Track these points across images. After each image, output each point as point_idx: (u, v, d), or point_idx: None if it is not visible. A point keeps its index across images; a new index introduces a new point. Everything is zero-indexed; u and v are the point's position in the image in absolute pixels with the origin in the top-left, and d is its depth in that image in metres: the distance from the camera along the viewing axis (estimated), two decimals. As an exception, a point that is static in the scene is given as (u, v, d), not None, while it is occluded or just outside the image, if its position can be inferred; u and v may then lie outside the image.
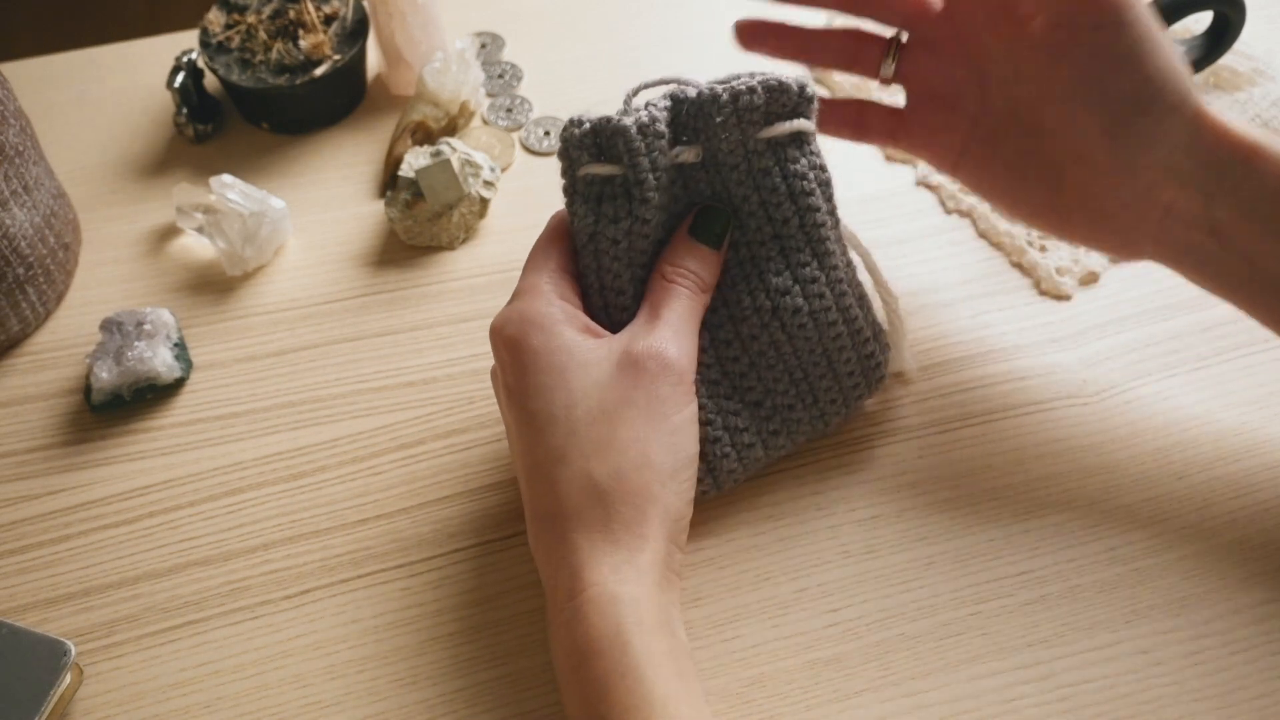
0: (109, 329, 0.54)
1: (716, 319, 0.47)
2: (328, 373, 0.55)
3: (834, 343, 0.47)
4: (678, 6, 0.71)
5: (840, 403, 0.49)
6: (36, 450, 0.53)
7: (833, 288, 0.47)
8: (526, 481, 0.43)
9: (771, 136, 0.46)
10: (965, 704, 0.44)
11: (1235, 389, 0.53)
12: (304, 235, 0.61)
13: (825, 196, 0.47)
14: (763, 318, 0.47)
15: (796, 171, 0.46)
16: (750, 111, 0.45)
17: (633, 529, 0.41)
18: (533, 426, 0.42)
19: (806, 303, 0.47)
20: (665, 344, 0.43)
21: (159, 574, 0.49)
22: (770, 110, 0.45)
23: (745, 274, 0.47)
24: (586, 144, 0.44)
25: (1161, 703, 0.44)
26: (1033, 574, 0.47)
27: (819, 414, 0.49)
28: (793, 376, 0.48)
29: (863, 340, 0.48)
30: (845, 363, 0.48)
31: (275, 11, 0.63)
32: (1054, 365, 0.54)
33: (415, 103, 0.63)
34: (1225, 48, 0.62)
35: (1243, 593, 0.46)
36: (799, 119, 0.46)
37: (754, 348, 0.47)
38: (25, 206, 0.54)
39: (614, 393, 0.42)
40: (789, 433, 0.48)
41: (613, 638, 0.38)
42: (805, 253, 0.47)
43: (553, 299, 0.44)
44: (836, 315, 0.47)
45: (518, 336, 0.43)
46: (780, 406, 0.48)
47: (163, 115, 0.66)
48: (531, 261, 0.46)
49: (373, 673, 0.46)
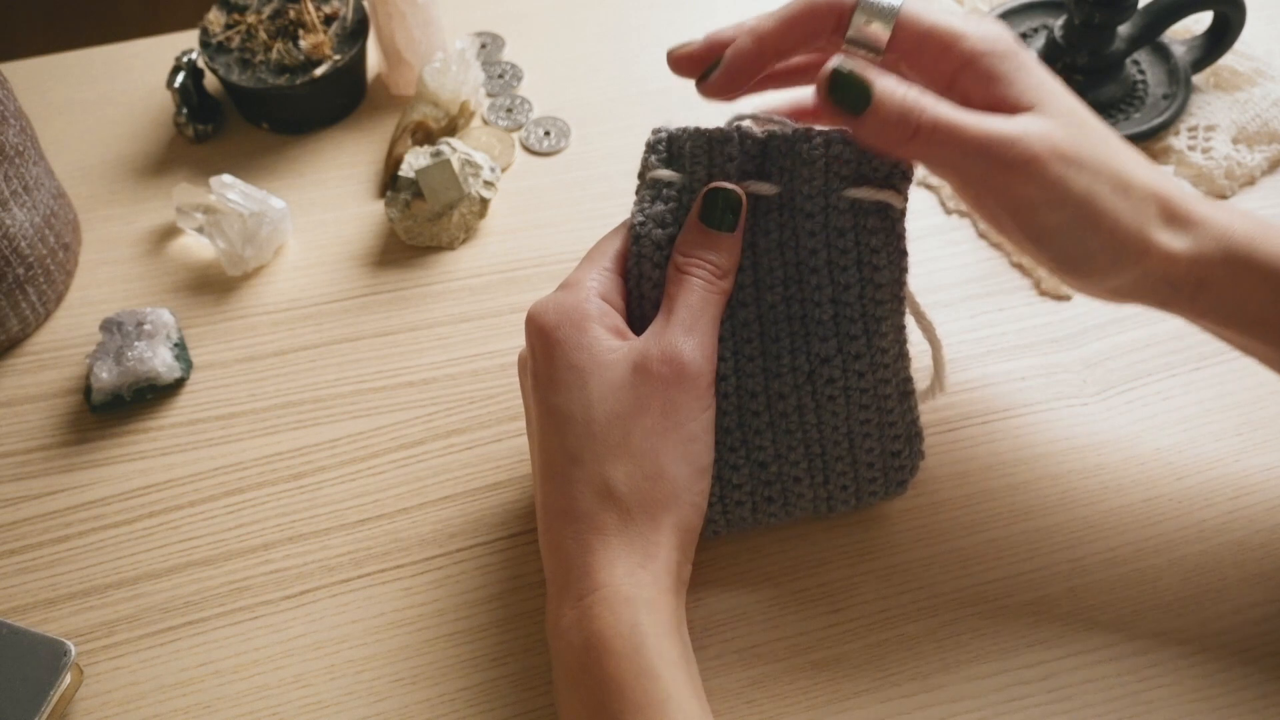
0: (109, 329, 0.54)
1: (750, 365, 0.45)
2: (328, 373, 0.55)
3: (860, 428, 0.45)
4: (678, 6, 0.71)
5: (851, 492, 0.46)
6: (36, 450, 0.53)
7: (875, 372, 0.44)
8: (542, 476, 0.43)
9: (856, 198, 0.43)
10: (965, 704, 0.44)
11: (1235, 389, 0.53)
12: (304, 235, 0.61)
13: (895, 279, 0.44)
14: (796, 379, 0.44)
15: (872, 245, 0.44)
16: (840, 163, 0.43)
17: (647, 535, 0.41)
18: (553, 422, 0.42)
19: (844, 378, 0.44)
20: (678, 345, 0.42)
21: (159, 574, 0.49)
22: (862, 170, 0.43)
23: (792, 330, 0.44)
24: (660, 149, 0.45)
25: (1161, 703, 0.44)
26: (1033, 574, 0.47)
27: (825, 496, 0.46)
28: (809, 450, 0.45)
29: (892, 437, 0.46)
30: (867, 452, 0.46)
31: (275, 11, 0.63)
32: (1054, 365, 0.54)
33: (415, 103, 0.63)
34: (1225, 48, 0.62)
35: (1242, 593, 0.47)
36: (889, 190, 0.43)
37: (779, 407, 0.45)
38: (25, 206, 0.54)
39: (628, 398, 0.41)
40: (786, 504, 0.46)
41: (627, 637, 0.38)
42: (858, 325, 0.44)
43: (592, 295, 0.43)
44: (870, 401, 0.45)
45: (549, 327, 0.43)
46: (786, 476, 0.45)
47: (163, 115, 0.66)
48: (588, 256, 0.46)
49: (373, 673, 0.46)
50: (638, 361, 0.42)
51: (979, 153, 0.40)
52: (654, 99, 0.66)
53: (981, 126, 0.40)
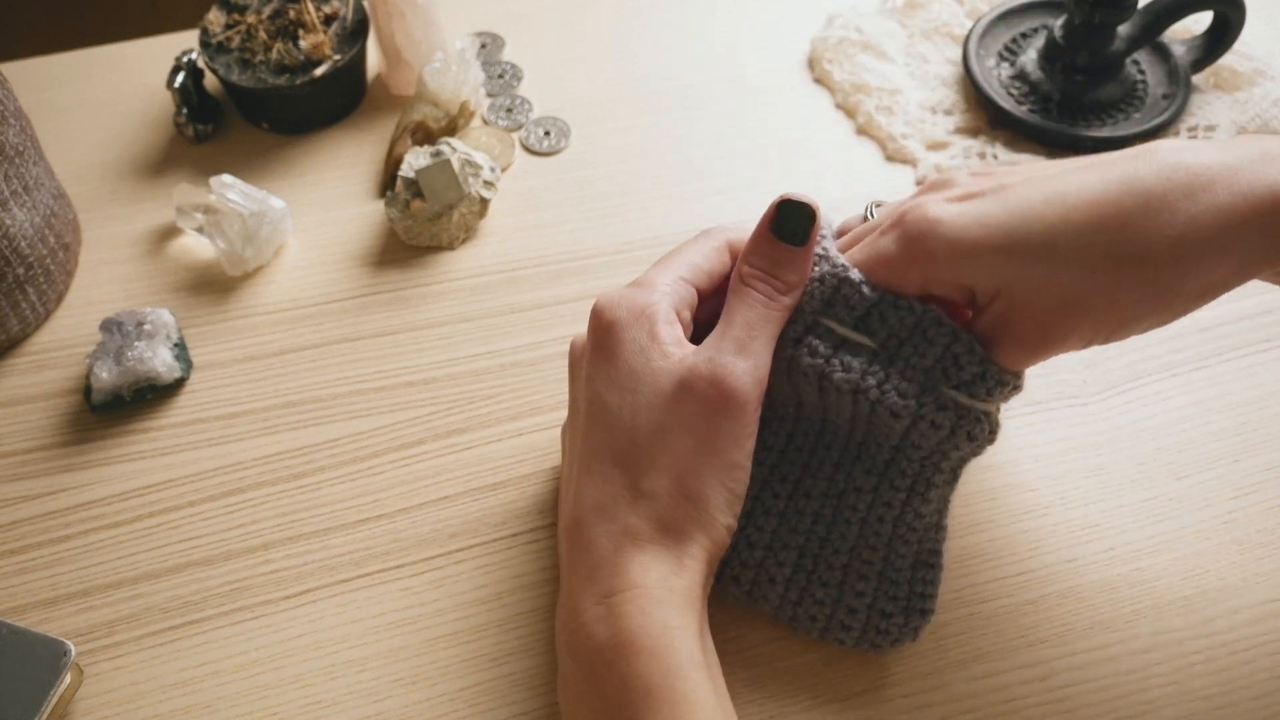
0: (109, 329, 0.54)
1: (797, 456, 0.44)
2: (328, 373, 0.55)
3: (859, 568, 0.44)
4: (678, 6, 0.71)
5: (820, 625, 0.44)
6: (36, 450, 0.53)
7: (898, 528, 0.44)
8: (581, 468, 0.42)
9: (955, 399, 0.42)
10: (965, 704, 0.44)
11: (1235, 389, 0.53)
12: (304, 235, 0.61)
13: (962, 461, 0.43)
14: (828, 490, 0.44)
15: (972, 434, 0.42)
16: (954, 366, 0.41)
17: (680, 548, 0.40)
18: (601, 418, 0.42)
19: (867, 512, 0.44)
20: (728, 368, 0.41)
21: (159, 574, 0.49)
22: (967, 380, 0.41)
23: (846, 450, 0.44)
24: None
25: (1161, 703, 0.44)
26: (1033, 574, 0.47)
27: (791, 615, 0.45)
28: (801, 559, 0.44)
29: (888, 596, 0.44)
30: (856, 596, 0.44)
31: (275, 11, 0.63)
32: (1054, 365, 0.54)
33: (415, 103, 0.63)
34: (1225, 48, 0.62)
35: (1242, 593, 0.46)
36: (973, 399, 0.41)
37: (798, 504, 0.44)
38: (25, 206, 0.54)
39: (673, 414, 0.41)
40: (751, 593, 0.45)
41: (657, 636, 0.38)
42: (906, 480, 0.43)
43: (664, 301, 0.43)
44: (880, 546, 0.44)
45: (616, 324, 0.42)
46: (765, 572, 0.44)
47: (163, 115, 0.66)
48: (665, 259, 0.45)
49: (373, 673, 0.46)
50: (685, 377, 0.41)
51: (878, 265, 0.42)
52: (654, 99, 0.66)
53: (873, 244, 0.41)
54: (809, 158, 0.63)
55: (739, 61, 0.68)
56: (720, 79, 0.67)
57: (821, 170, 0.63)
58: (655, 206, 0.61)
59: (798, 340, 0.43)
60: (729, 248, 0.46)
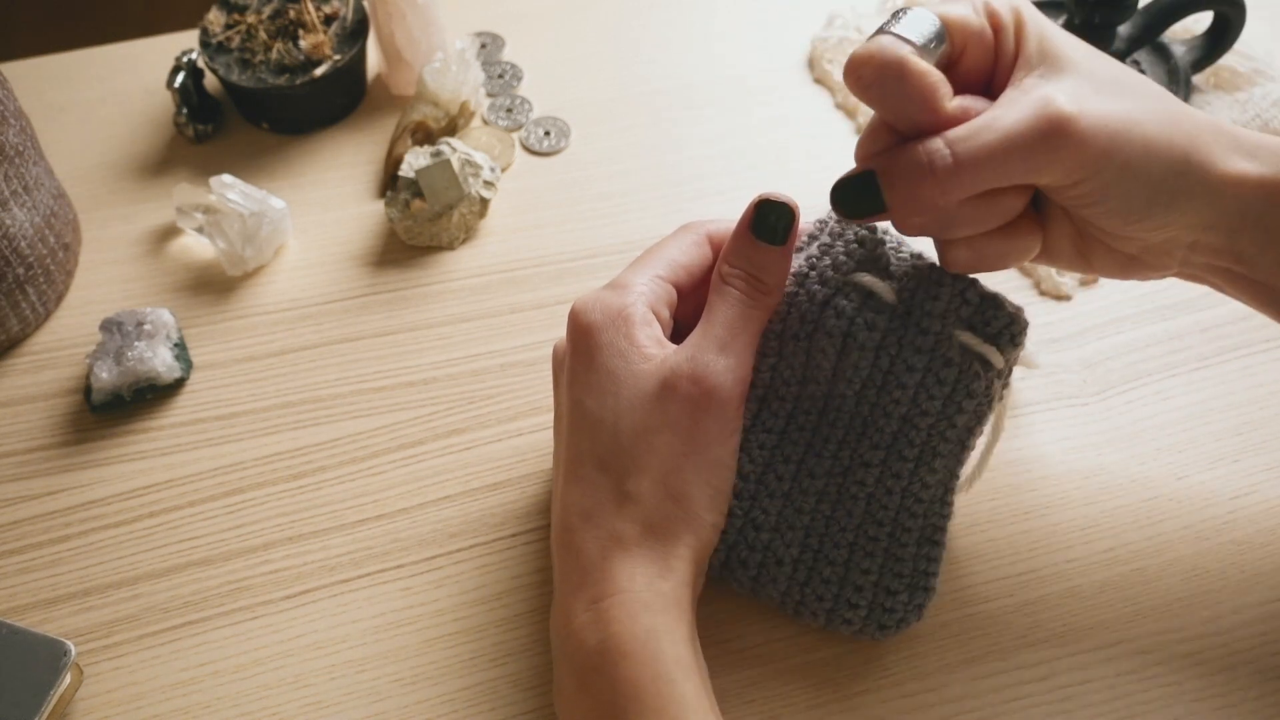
0: (109, 329, 0.54)
1: (799, 435, 0.44)
2: (328, 373, 0.55)
3: (865, 545, 0.44)
4: (678, 6, 0.71)
5: (825, 608, 0.44)
6: (36, 450, 0.53)
7: (905, 500, 0.43)
8: (566, 474, 0.42)
9: (963, 341, 0.42)
10: (965, 704, 0.44)
11: (1235, 389, 0.53)
12: (304, 235, 0.61)
13: (969, 428, 0.43)
14: (832, 468, 0.44)
15: (971, 390, 0.42)
16: (963, 303, 0.42)
17: (666, 550, 0.40)
18: (584, 423, 0.42)
19: (874, 487, 0.43)
20: (709, 366, 0.41)
21: (159, 574, 0.49)
22: (975, 319, 0.42)
23: (851, 425, 0.44)
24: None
25: (1161, 703, 0.44)
26: (1033, 574, 0.47)
27: (798, 598, 0.44)
28: (807, 540, 0.44)
29: (894, 574, 0.44)
30: (862, 574, 0.43)
31: (275, 11, 0.63)
32: (1054, 365, 0.54)
33: (415, 103, 0.63)
34: (1225, 48, 0.62)
35: (1242, 593, 0.46)
36: (993, 348, 0.42)
37: (803, 484, 0.44)
38: (25, 206, 0.54)
39: (655, 414, 0.41)
40: (756, 580, 0.44)
41: (644, 641, 0.38)
42: (913, 450, 0.43)
43: (640, 301, 0.43)
44: (887, 521, 0.43)
45: (592, 327, 0.42)
46: (772, 554, 0.44)
47: (163, 115, 0.66)
48: (641, 259, 0.45)
49: (373, 673, 0.46)
50: (667, 378, 0.41)
51: (1009, 151, 0.37)
52: (654, 99, 0.66)
53: (1000, 124, 0.37)
54: (809, 158, 0.63)
55: (739, 61, 0.68)
56: (720, 79, 0.67)
57: (821, 170, 0.62)
58: (655, 206, 0.61)
59: (825, 302, 0.43)
60: (709, 240, 0.46)
